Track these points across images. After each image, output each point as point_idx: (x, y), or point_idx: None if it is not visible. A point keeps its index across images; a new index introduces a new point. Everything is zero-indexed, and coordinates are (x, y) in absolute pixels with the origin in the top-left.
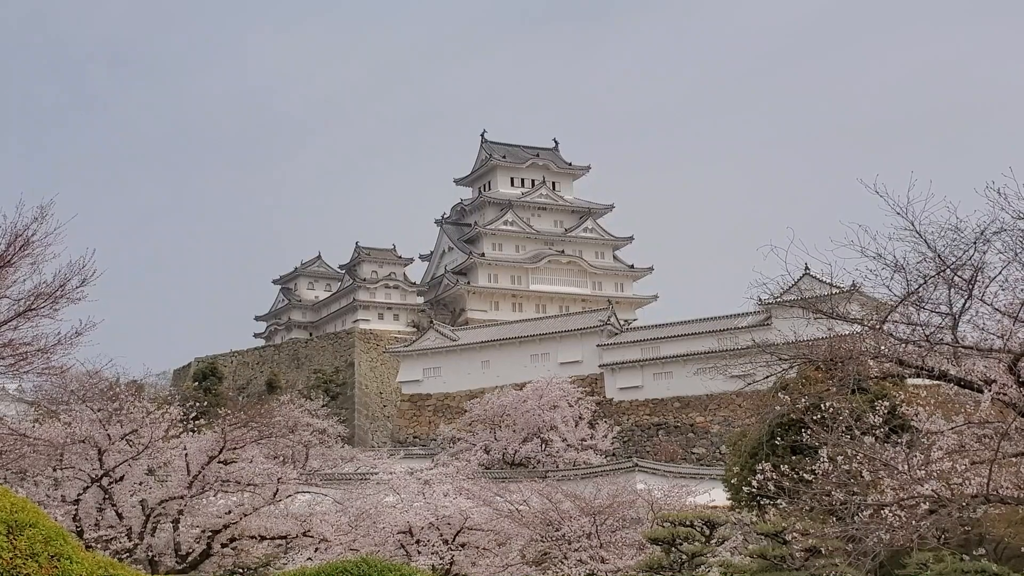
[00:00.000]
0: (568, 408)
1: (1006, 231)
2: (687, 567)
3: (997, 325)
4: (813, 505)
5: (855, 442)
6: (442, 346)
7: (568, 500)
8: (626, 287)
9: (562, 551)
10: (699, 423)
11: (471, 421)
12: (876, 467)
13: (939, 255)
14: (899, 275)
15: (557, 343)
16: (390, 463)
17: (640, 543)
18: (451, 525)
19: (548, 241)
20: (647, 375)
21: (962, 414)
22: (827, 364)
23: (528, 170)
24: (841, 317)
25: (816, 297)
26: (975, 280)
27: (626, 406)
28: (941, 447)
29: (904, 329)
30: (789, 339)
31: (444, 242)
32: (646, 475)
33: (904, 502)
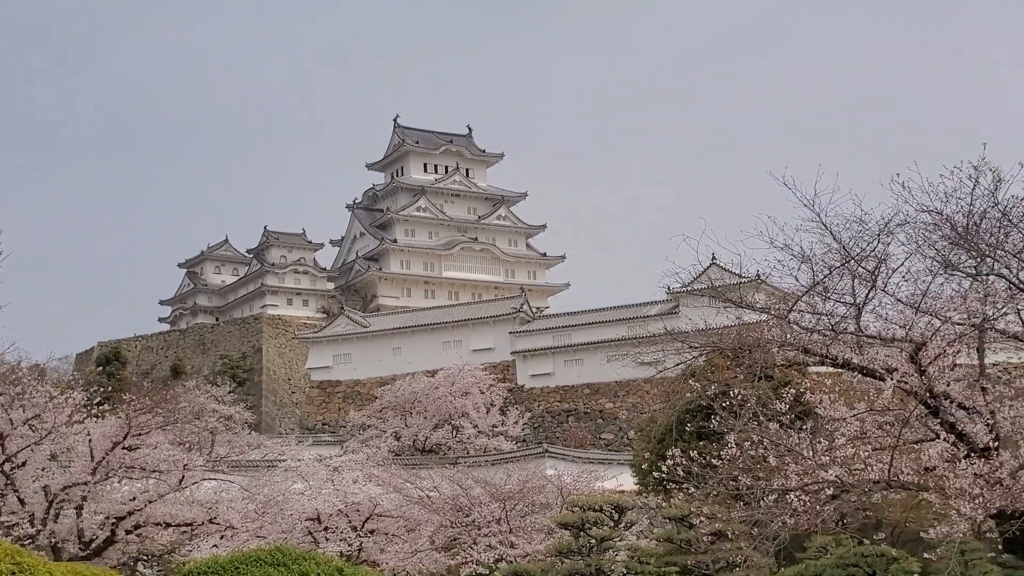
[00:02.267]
0: (480, 395)
1: (909, 223)
2: (595, 551)
3: (899, 315)
4: (720, 490)
5: (761, 428)
6: (353, 332)
7: (478, 486)
8: (539, 275)
9: (472, 537)
10: (608, 409)
11: (382, 408)
12: (781, 453)
13: (844, 246)
14: (805, 266)
15: (470, 330)
16: (298, 450)
17: (549, 528)
18: (360, 512)
19: (461, 228)
20: (558, 362)
21: (864, 402)
22: (735, 352)
23: (442, 156)
24: (749, 306)
25: (724, 286)
26: (878, 271)
27: (537, 393)
28: (844, 434)
29: (809, 318)
30: (698, 327)
31: (356, 227)
32: (556, 461)
33: (808, 487)
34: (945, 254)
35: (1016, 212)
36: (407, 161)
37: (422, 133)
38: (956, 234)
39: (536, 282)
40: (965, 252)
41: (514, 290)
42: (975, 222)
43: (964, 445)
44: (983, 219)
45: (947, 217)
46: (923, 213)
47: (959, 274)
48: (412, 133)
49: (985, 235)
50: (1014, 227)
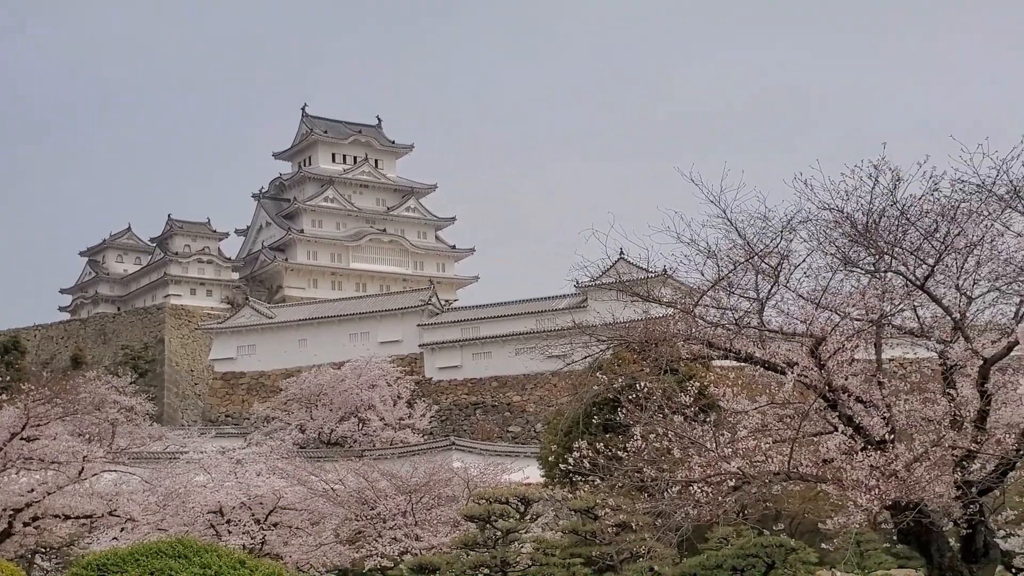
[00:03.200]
0: (387, 387)
1: (811, 221)
2: (501, 543)
3: (800, 310)
4: (624, 482)
5: (666, 421)
6: (257, 323)
7: (384, 479)
8: (448, 267)
9: (377, 530)
10: (516, 402)
11: (286, 400)
12: (685, 445)
13: (748, 242)
14: (711, 261)
15: (377, 322)
16: (201, 442)
17: (455, 520)
18: (263, 505)
19: (370, 219)
20: (466, 355)
21: (766, 395)
22: (641, 346)
23: (350, 146)
24: (655, 300)
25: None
26: (781, 267)
27: (445, 385)
28: (746, 426)
29: (714, 313)
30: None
31: (262, 217)
32: (463, 453)
33: (711, 479)
34: (845, 251)
35: (914, 211)
36: (315, 151)
37: (331, 123)
38: (856, 232)
39: (445, 275)
40: (864, 249)
41: (423, 282)
42: (874, 220)
43: (861, 438)
44: (882, 217)
45: (848, 215)
46: (825, 211)
47: (858, 271)
48: (320, 122)
49: (884, 233)
50: (912, 225)
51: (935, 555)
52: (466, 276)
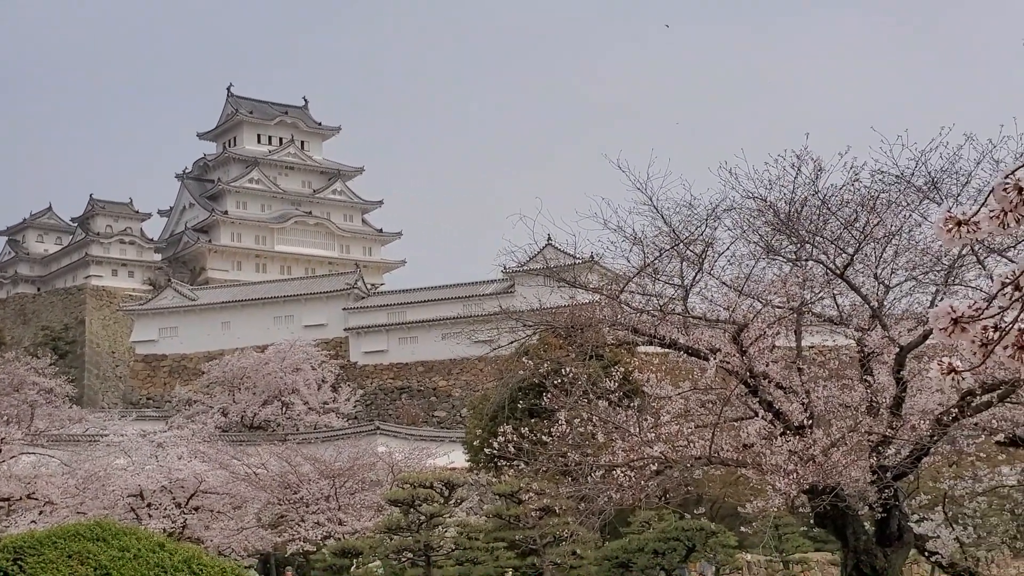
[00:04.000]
0: (311, 371)
1: (735, 209)
2: (425, 528)
3: (724, 298)
4: (549, 466)
5: (591, 406)
6: (180, 305)
7: (308, 463)
8: (374, 251)
9: (300, 514)
10: (442, 387)
11: (209, 383)
12: (609, 430)
13: (674, 230)
14: (637, 247)
15: (302, 305)
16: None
17: (379, 505)
18: (184, 488)
19: (295, 201)
20: (392, 339)
21: (689, 381)
22: (567, 331)
23: (276, 127)
24: (582, 286)
25: (559, 266)
26: (705, 254)
27: (370, 370)
28: (669, 411)
29: (639, 299)
30: (532, 306)
31: (185, 198)
32: (388, 438)
33: (634, 463)
34: (768, 239)
35: (834, 201)
36: (240, 131)
37: (256, 103)
38: (779, 220)
39: (372, 258)
40: (787, 238)
41: (349, 266)
42: (796, 209)
43: (780, 423)
44: (804, 207)
45: (770, 204)
46: (748, 199)
47: (780, 259)
48: (246, 103)
49: (805, 222)
50: (832, 215)
51: (851, 538)
52: (393, 260)
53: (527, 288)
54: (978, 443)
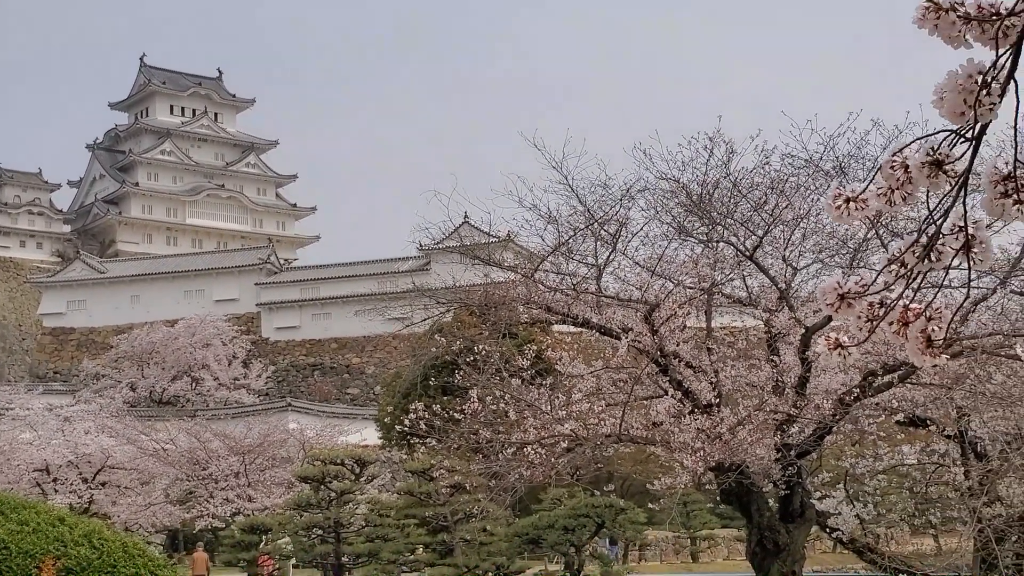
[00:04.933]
0: (222, 347)
1: (649, 190)
2: (335, 504)
3: (636, 277)
4: (461, 443)
5: (503, 384)
6: (89, 278)
7: (217, 439)
8: (288, 226)
9: (208, 490)
10: (356, 364)
11: (117, 357)
12: (521, 407)
13: (588, 209)
14: (551, 226)
15: (213, 280)
16: (27, 399)
17: (290, 482)
18: (91, 463)
19: (208, 174)
20: (305, 315)
21: (601, 359)
22: (481, 309)
23: (189, 99)
24: (496, 264)
25: (474, 244)
26: (619, 234)
27: (282, 346)
28: (581, 390)
29: (553, 278)
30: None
31: (96, 169)
32: (299, 415)
33: (545, 440)
34: (680, 221)
35: (745, 183)
36: (153, 102)
37: (170, 74)
38: (691, 202)
39: (285, 233)
40: (699, 219)
41: (262, 240)
42: (708, 191)
43: (689, 402)
44: (716, 189)
45: (683, 185)
46: (662, 180)
47: (692, 240)
48: (159, 73)
49: (717, 204)
50: (743, 197)
51: (755, 515)
52: (307, 235)
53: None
54: (879, 423)
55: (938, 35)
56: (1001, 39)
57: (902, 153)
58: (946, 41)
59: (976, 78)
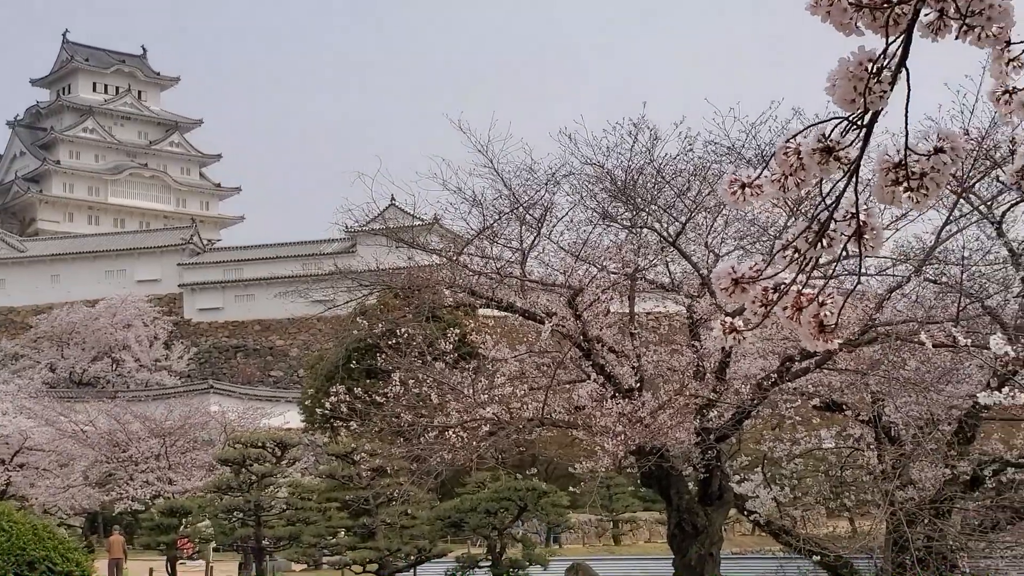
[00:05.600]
0: (143, 327)
1: (574, 175)
2: (256, 487)
3: (561, 262)
4: (383, 427)
5: (426, 367)
6: (8, 257)
7: (138, 421)
8: (212, 206)
9: (128, 472)
10: (279, 346)
11: (36, 337)
12: (444, 391)
13: (514, 193)
14: (476, 210)
15: (135, 260)
16: None
17: (211, 464)
18: (8, 445)
19: (131, 153)
20: (228, 297)
21: (525, 343)
22: (405, 292)
23: (113, 76)
24: (421, 247)
25: (399, 227)
26: (544, 219)
27: (205, 327)
28: (504, 373)
29: (478, 262)
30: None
31: (16, 146)
32: (221, 397)
33: (467, 424)
34: (605, 206)
35: (669, 170)
36: (75, 79)
37: (93, 51)
38: (615, 187)
39: (209, 213)
40: (623, 205)
41: (185, 220)
42: (633, 177)
43: (611, 386)
44: (640, 175)
45: (608, 171)
46: (587, 166)
47: (616, 225)
48: (82, 50)
49: (641, 190)
50: (667, 183)
51: (674, 498)
52: (231, 215)
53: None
54: (796, 407)
55: (830, 22)
56: (892, 27)
57: (795, 140)
58: (838, 28)
59: (866, 65)
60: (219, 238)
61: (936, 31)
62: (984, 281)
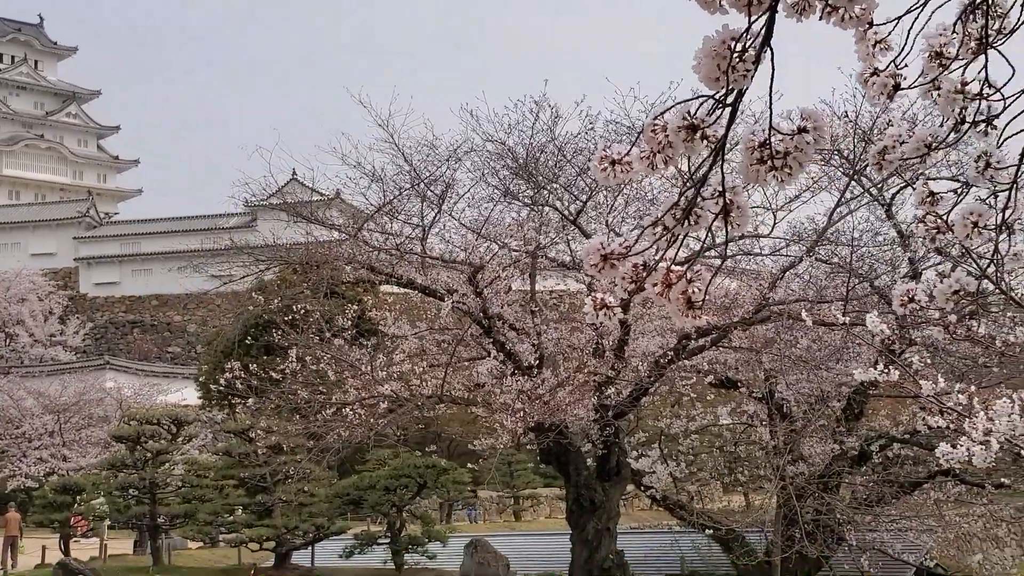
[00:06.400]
0: (38, 302)
1: (476, 151)
2: (151, 464)
3: (462, 239)
4: (280, 404)
5: (324, 344)
6: None
7: (32, 397)
8: (109, 179)
9: (21, 449)
10: (177, 322)
11: None
12: (342, 368)
13: (415, 169)
14: (376, 185)
15: (30, 233)
16: None
17: (106, 441)
18: None
19: (27, 124)
20: (126, 271)
21: (425, 320)
22: (304, 267)
23: (8, 45)
24: (320, 222)
25: (299, 202)
26: (446, 195)
27: (101, 302)
28: (404, 350)
29: (378, 238)
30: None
31: None
32: (117, 373)
33: (365, 401)
34: (507, 183)
35: (569, 148)
36: None
37: None
38: (517, 165)
39: (106, 186)
40: (524, 182)
41: (82, 193)
42: (534, 155)
43: (512, 363)
44: (542, 153)
45: (509, 148)
46: (489, 142)
47: (518, 203)
48: None
49: (542, 168)
50: (568, 162)
51: (572, 474)
52: (129, 188)
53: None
54: (692, 384)
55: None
56: (755, 6)
57: (663, 117)
58: (702, 6)
59: (730, 44)
60: (117, 211)
61: (800, 11)
62: (873, 262)
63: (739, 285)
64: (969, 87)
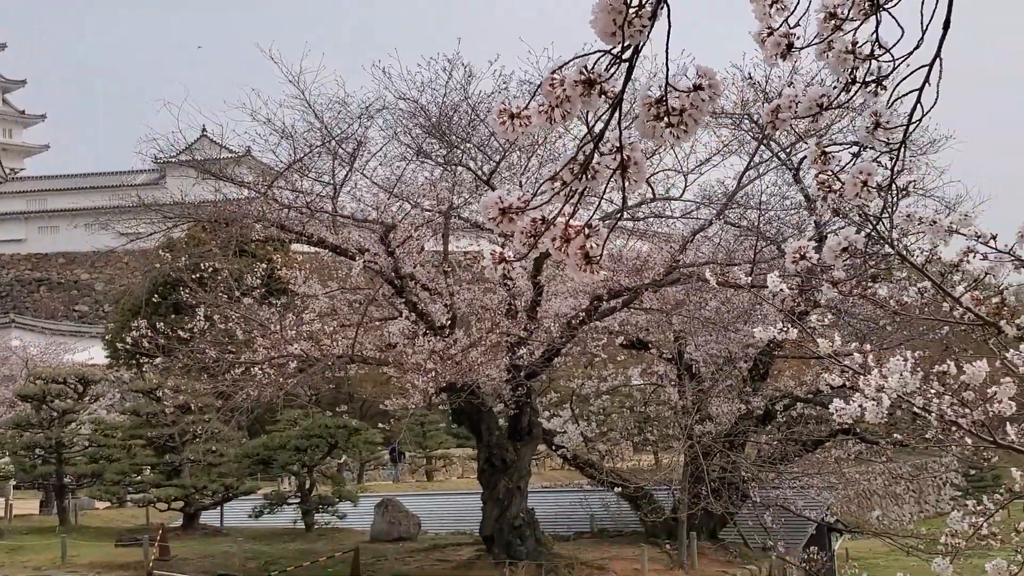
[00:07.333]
0: None
1: (388, 109)
2: (57, 424)
3: (374, 198)
4: (189, 363)
5: (233, 303)
6: None
7: None
8: (15, 134)
9: None
10: (84, 280)
11: None
12: (251, 327)
13: (326, 126)
14: (287, 142)
15: None
16: None
17: (11, 401)
18: None
19: None
20: (31, 228)
21: (336, 280)
22: (213, 225)
23: None
24: (230, 179)
25: (209, 159)
26: (357, 153)
27: (6, 260)
28: (314, 310)
29: (288, 195)
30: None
31: None
32: (23, 332)
33: (274, 360)
34: (419, 142)
35: (483, 108)
36: None
37: None
38: (430, 124)
39: (12, 141)
40: (437, 142)
41: None
42: (447, 114)
43: (424, 323)
44: (455, 112)
45: (422, 107)
46: (401, 100)
47: (431, 162)
48: None
49: (456, 127)
50: (481, 122)
51: (484, 433)
52: (35, 144)
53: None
54: (603, 345)
55: None
56: None
57: (562, 71)
58: None
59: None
60: (23, 167)
61: None
62: (781, 225)
63: (651, 247)
64: (860, 48)
